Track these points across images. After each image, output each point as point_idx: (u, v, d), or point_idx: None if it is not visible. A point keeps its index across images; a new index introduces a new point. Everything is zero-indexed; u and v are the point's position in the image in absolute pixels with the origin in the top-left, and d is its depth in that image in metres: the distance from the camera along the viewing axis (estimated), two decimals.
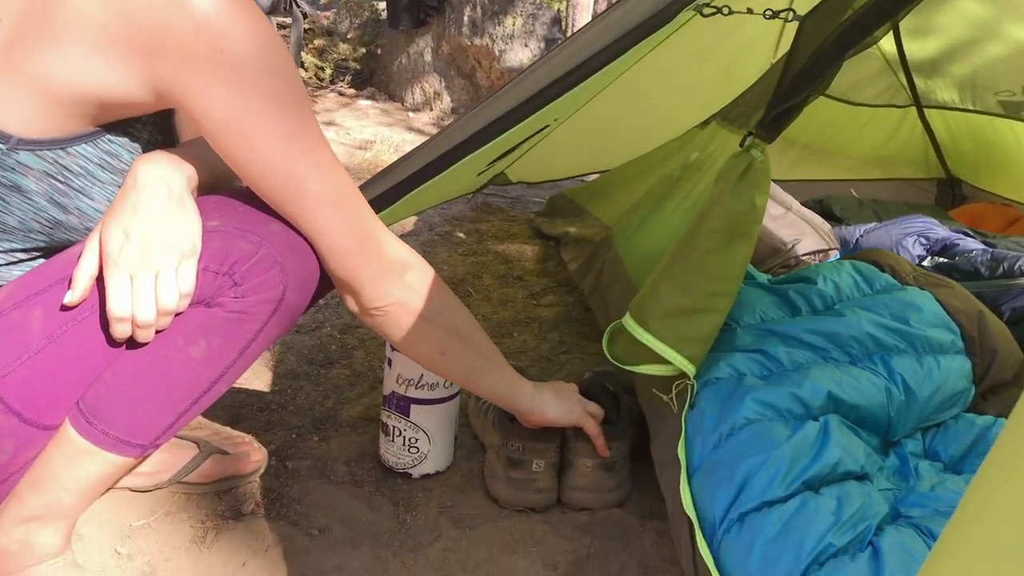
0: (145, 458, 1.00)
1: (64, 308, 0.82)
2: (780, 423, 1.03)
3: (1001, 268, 1.79)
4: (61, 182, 0.83)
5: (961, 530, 0.38)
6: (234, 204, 0.88)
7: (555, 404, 1.15)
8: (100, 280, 0.81)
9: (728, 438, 1.02)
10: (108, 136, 0.85)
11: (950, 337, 1.27)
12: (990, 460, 0.37)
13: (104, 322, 0.82)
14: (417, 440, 1.22)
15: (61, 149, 0.81)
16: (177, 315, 0.84)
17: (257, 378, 1.50)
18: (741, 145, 1.14)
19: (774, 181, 1.58)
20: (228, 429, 1.28)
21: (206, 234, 0.84)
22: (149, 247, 0.80)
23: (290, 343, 1.64)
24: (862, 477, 1.02)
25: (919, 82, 2.56)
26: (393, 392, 1.21)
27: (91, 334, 0.83)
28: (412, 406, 1.20)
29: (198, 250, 0.83)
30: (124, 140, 0.86)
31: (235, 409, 1.38)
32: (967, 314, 1.31)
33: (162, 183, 0.82)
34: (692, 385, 1.10)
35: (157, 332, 0.84)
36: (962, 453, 1.17)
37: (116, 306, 0.80)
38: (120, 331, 0.82)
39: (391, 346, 1.20)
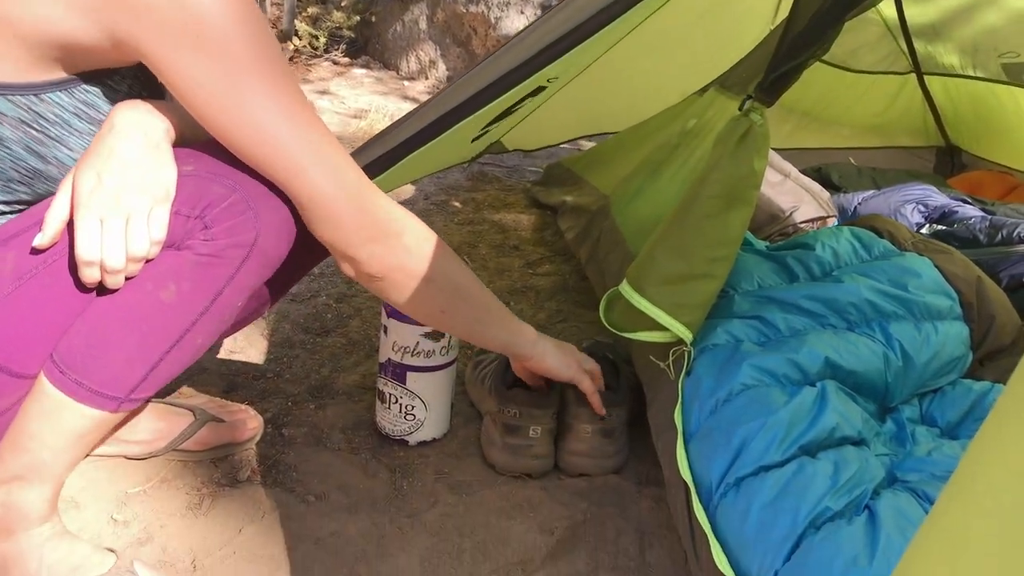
0: (127, 417, 0.98)
1: (35, 251, 0.81)
2: (777, 389, 1.03)
3: (1000, 235, 1.78)
4: (37, 130, 0.82)
5: (958, 494, 0.37)
6: (210, 152, 0.86)
7: (555, 354, 1.15)
8: (72, 224, 0.80)
9: (725, 403, 1.02)
10: (84, 86, 0.83)
11: (948, 303, 1.26)
12: (988, 425, 0.37)
13: (73, 266, 0.81)
14: (413, 407, 1.22)
15: (34, 95, 0.80)
16: (148, 261, 0.83)
17: (252, 347, 1.49)
18: (740, 109, 1.12)
19: (773, 149, 1.57)
20: (223, 399, 1.28)
21: (180, 179, 0.82)
22: (121, 191, 0.78)
23: (285, 312, 1.64)
24: (859, 442, 1.02)
25: (920, 47, 2.53)
26: (389, 360, 1.21)
27: (60, 277, 0.81)
28: (408, 373, 1.20)
29: (172, 196, 0.81)
30: (100, 91, 0.85)
31: (230, 377, 1.38)
32: (965, 280, 1.31)
33: (139, 128, 0.81)
34: (689, 352, 1.10)
35: (128, 279, 0.82)
36: (959, 419, 1.17)
37: (84, 250, 0.79)
38: (88, 275, 0.80)
39: (387, 314, 1.19)
